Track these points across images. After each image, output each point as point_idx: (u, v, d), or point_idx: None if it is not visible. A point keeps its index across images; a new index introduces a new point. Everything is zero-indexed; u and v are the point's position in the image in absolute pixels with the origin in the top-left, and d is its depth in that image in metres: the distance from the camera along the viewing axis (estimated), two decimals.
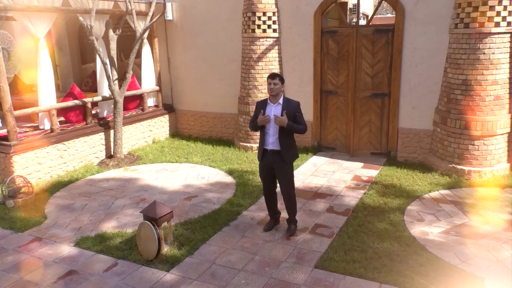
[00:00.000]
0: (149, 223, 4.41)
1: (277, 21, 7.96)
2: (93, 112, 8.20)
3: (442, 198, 5.86)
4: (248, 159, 7.77)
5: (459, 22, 6.40)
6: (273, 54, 8.06)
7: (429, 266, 4.18)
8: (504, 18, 6.13)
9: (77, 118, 7.75)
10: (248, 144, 8.32)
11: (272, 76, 4.64)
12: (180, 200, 6.05)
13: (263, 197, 5.78)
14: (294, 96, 7.97)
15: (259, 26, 7.90)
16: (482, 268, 4.14)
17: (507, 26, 6.18)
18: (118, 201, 6.06)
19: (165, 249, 4.54)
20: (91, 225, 5.30)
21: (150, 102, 9.41)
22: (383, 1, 7.31)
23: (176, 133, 9.79)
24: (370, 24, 7.51)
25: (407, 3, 6.93)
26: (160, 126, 9.45)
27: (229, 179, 6.86)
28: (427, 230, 4.95)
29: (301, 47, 7.93)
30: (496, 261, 4.26)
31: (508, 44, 6.28)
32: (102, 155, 8.02)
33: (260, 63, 8.04)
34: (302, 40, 7.88)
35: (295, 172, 6.71)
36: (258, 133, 7.93)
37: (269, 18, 7.89)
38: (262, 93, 8.11)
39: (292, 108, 4.66)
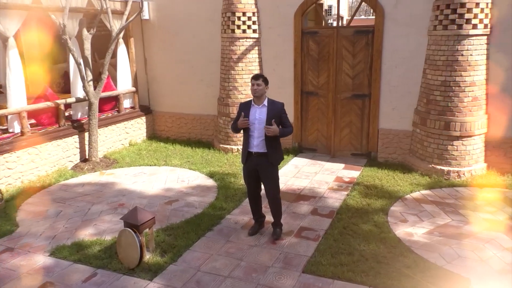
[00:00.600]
0: (130, 230, 4.23)
1: (257, 22, 7.87)
2: (66, 114, 7.89)
3: (423, 198, 5.90)
4: (228, 161, 7.64)
5: (438, 24, 6.48)
6: (253, 54, 7.97)
7: (416, 268, 4.17)
8: (481, 21, 6.24)
9: (49, 120, 7.43)
10: (228, 146, 8.20)
11: (255, 76, 4.55)
12: (160, 204, 5.87)
13: (246, 200, 5.71)
14: (275, 97, 7.89)
15: (239, 27, 7.79)
16: (467, 269, 4.16)
17: (484, 29, 6.29)
18: (95, 206, 5.83)
19: (147, 256, 4.37)
20: (67, 233, 5.06)
21: (126, 103, 9.15)
22: (362, 2, 7.33)
23: (153, 135, 9.56)
24: (350, 25, 7.49)
25: (386, 5, 6.97)
26: (137, 128, 9.20)
27: (210, 182, 6.72)
28: (411, 231, 4.96)
29: (282, 48, 7.86)
30: (480, 261, 4.29)
31: (484, 46, 6.40)
32: (77, 158, 7.72)
33: (240, 64, 7.93)
34: (283, 40, 7.82)
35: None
36: (239, 135, 7.88)
37: (249, 18, 7.80)
38: (242, 94, 8.01)
39: (277, 110, 4.58)
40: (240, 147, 8.03)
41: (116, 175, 7.12)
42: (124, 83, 8.94)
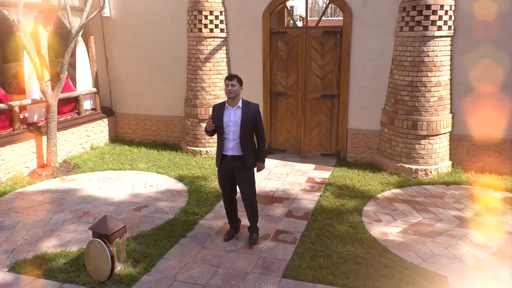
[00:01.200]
0: (99, 240, 3.96)
1: (224, 21, 7.72)
2: (21, 116, 7.39)
3: (394, 197, 5.97)
4: (197, 164, 7.44)
5: (404, 25, 6.59)
6: (221, 54, 7.81)
7: (394, 268, 4.18)
8: (445, 22, 6.40)
9: (2, 124, 6.93)
10: (196, 148, 7.98)
11: (229, 77, 4.41)
12: (128, 211, 5.59)
13: (219, 204, 5.58)
14: (244, 97, 7.79)
15: (206, 26, 7.60)
16: (443, 267, 4.21)
17: (448, 30, 6.46)
18: (57, 215, 5.47)
19: (119, 267, 4.12)
20: (28, 246, 4.69)
21: (87, 105, 8.72)
22: (330, 3, 7.35)
23: (116, 138, 9.16)
24: (319, 25, 7.49)
25: (354, 6, 7.01)
26: (98, 131, 8.79)
27: (179, 186, 6.50)
28: (386, 230, 4.99)
29: (250, 48, 7.75)
30: (454, 259, 4.36)
31: (449, 47, 6.57)
32: (34, 164, 7.25)
33: (207, 64, 7.74)
34: (251, 40, 7.71)
35: None
36: (207, 137, 7.69)
37: (216, 17, 7.63)
38: (210, 95, 7.83)
39: (252, 113, 4.46)
40: (209, 149, 7.85)
41: (78, 181, 6.74)
42: (84, 83, 8.52)
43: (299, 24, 15.50)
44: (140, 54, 8.55)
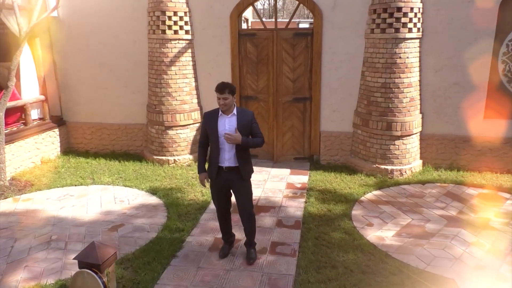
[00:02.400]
0: (90, 272, 3.46)
1: (189, 22, 7.31)
2: None
3: (378, 199, 5.97)
4: (167, 175, 6.97)
5: (376, 28, 6.63)
6: (187, 57, 7.40)
7: (402, 274, 4.11)
8: (415, 25, 6.53)
9: None
10: (163, 158, 7.49)
11: (220, 89, 4.04)
12: (104, 232, 5.05)
13: (203, 217, 5.26)
14: (211, 103, 7.49)
15: (170, 27, 7.15)
16: (447, 269, 4.21)
17: (417, 32, 6.59)
18: (20, 243, 4.79)
19: None
20: None
21: (34, 114, 7.88)
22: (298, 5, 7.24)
23: (69, 149, 8.38)
24: (289, 27, 7.35)
25: (324, 8, 6.95)
26: (49, 143, 7.98)
27: (154, 199, 6.02)
28: (381, 234, 4.93)
29: (217, 51, 7.42)
30: (455, 260, 4.39)
31: (418, 49, 6.72)
32: None
33: (173, 68, 7.30)
34: (218, 43, 7.38)
35: None
36: (174, 145, 7.25)
37: (181, 18, 7.21)
38: (176, 100, 7.39)
39: (248, 120, 4.17)
40: (177, 158, 7.42)
41: (35, 200, 6.02)
42: (29, 90, 7.69)
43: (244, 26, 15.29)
44: (94, 57, 7.88)
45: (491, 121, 6.93)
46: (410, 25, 6.46)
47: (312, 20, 7.12)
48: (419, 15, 6.54)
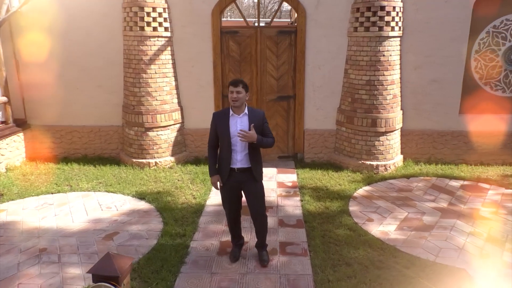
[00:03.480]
0: (108, 285, 3.18)
1: (168, 19, 7.03)
2: None
3: (370, 195, 6.05)
4: (150, 178, 6.66)
5: (359, 26, 6.73)
6: (166, 55, 7.11)
7: (414, 267, 4.17)
8: (397, 23, 6.70)
9: None
10: (143, 160, 7.15)
11: (234, 83, 3.91)
12: (98, 241, 4.71)
13: (202, 221, 5.11)
14: (192, 102, 7.28)
15: (149, 24, 6.84)
16: (455, 260, 4.34)
17: (398, 31, 6.77)
18: (4, 258, 4.35)
19: None
20: None
21: None
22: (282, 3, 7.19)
23: (35, 155, 7.76)
24: (273, 25, 7.28)
25: (308, 6, 6.95)
26: (13, 148, 7.37)
27: (143, 205, 5.72)
28: (383, 229, 4.99)
29: (198, 48, 7.19)
30: (459, 250, 4.53)
31: (399, 47, 6.90)
32: None
33: (152, 66, 6.98)
34: (199, 40, 7.16)
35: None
36: (155, 146, 6.95)
37: (160, 14, 6.92)
38: (157, 100, 7.08)
39: (259, 119, 4.04)
40: (158, 160, 7.12)
41: (10, 211, 5.51)
42: None
43: None
44: (63, 55, 7.36)
45: (466, 116, 7.27)
46: (392, 23, 6.62)
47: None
48: (400, 14, 6.72)
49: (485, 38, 7.07)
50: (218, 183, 4.05)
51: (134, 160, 7.19)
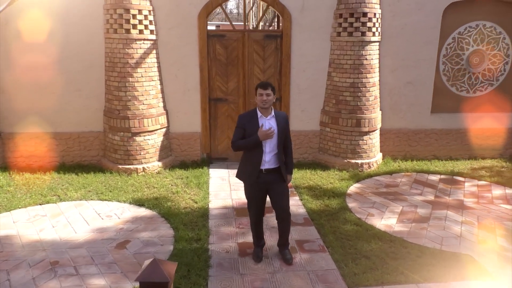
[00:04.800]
0: None
1: (153, 21, 6.93)
2: None
3: (362, 191, 6.37)
4: (142, 184, 6.51)
5: (342, 31, 7.06)
6: (152, 59, 7.00)
7: (425, 256, 4.49)
8: (377, 29, 7.11)
9: None
10: (131, 166, 6.97)
11: (263, 85, 4.03)
12: (111, 250, 4.57)
13: (213, 223, 5.11)
14: (178, 105, 7.24)
15: (135, 26, 6.69)
16: (458, 246, 4.73)
17: (378, 36, 7.18)
18: (16, 274, 4.09)
19: None
20: None
21: None
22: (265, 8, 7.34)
23: (5, 165, 7.27)
24: (259, 29, 7.40)
25: (293, 11, 7.17)
26: None
27: (145, 211, 5.60)
28: (386, 223, 5.30)
29: (184, 52, 7.15)
30: (459, 238, 4.94)
31: (377, 51, 7.32)
32: None
33: (139, 70, 6.84)
34: (185, 43, 7.12)
35: (213, 190, 6.16)
36: (144, 152, 6.83)
37: (146, 17, 6.79)
38: (143, 104, 6.94)
39: (284, 121, 4.19)
40: (146, 166, 6.98)
41: (1, 225, 5.16)
42: None
43: None
44: (38, 58, 6.97)
45: (437, 115, 7.87)
46: (373, 29, 7.01)
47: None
48: (379, 20, 7.14)
49: (452, 43, 7.69)
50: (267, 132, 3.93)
51: (120, 166, 6.98)
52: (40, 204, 5.78)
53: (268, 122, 4.07)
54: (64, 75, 7.10)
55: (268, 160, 4.08)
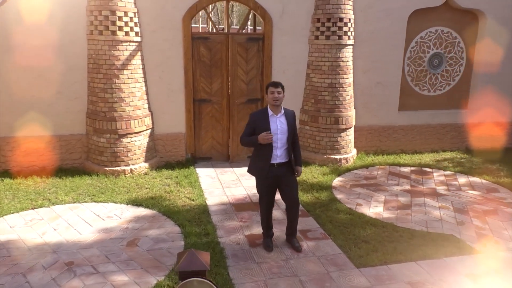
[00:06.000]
0: (201, 279, 3.35)
1: (138, 23, 6.99)
2: None
3: (345, 184, 6.84)
4: (132, 186, 6.55)
5: (320, 35, 7.52)
6: (137, 60, 7.05)
7: (417, 239, 4.98)
8: (351, 33, 7.63)
9: None
10: (118, 168, 6.97)
11: (274, 84, 4.34)
12: (124, 249, 4.65)
13: (217, 218, 5.35)
14: (163, 107, 7.37)
15: (121, 28, 6.73)
16: (440, 228, 5.29)
17: (352, 39, 7.72)
18: (33, 276, 4.08)
19: None
20: None
21: None
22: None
23: None
24: (242, 32, 7.67)
25: (274, 15, 7.52)
26: None
27: (144, 211, 5.69)
28: (374, 211, 5.78)
29: (169, 54, 7.27)
30: (440, 221, 5.51)
31: (351, 54, 7.85)
32: None
33: (125, 71, 6.88)
34: (170, 46, 7.24)
35: (206, 188, 6.35)
36: (131, 154, 6.90)
37: (131, 19, 6.85)
38: (130, 106, 6.98)
39: (293, 118, 4.52)
40: (133, 167, 7.03)
41: None
42: None
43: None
44: (16, 60, 6.77)
45: (403, 113, 8.56)
46: (348, 33, 7.53)
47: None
48: (353, 25, 7.67)
49: (415, 47, 8.41)
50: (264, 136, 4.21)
51: (107, 168, 6.96)
52: (33, 209, 5.68)
53: (278, 120, 4.37)
54: (44, 78, 6.95)
55: (280, 154, 4.39)
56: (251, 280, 4.06)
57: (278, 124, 4.35)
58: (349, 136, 7.93)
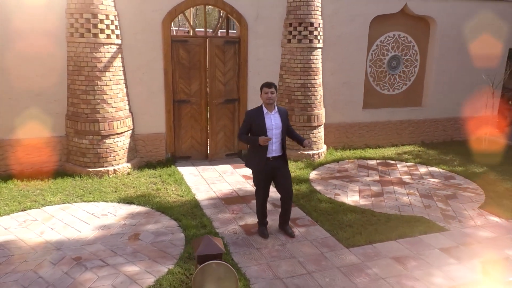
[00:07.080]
0: (219, 262, 3.69)
1: (118, 26, 7.14)
2: None
3: (321, 177, 7.38)
4: (119, 185, 6.69)
5: (292, 38, 8.03)
6: (118, 62, 7.19)
7: (393, 221, 5.58)
8: (321, 37, 8.21)
9: None
10: (101, 169, 7.07)
11: (268, 85, 4.74)
12: (126, 243, 4.86)
13: (210, 211, 5.65)
14: (143, 108, 7.59)
15: (102, 31, 6.85)
16: (411, 211, 5.94)
17: (322, 43, 8.30)
18: (44, 272, 4.22)
19: None
20: None
21: None
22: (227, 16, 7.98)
23: None
24: (219, 35, 8.00)
25: (249, 19, 7.93)
26: None
27: (137, 208, 5.89)
28: (352, 199, 6.34)
29: (149, 56, 7.46)
30: (410, 205, 6.17)
31: (321, 56, 8.43)
32: None
33: (107, 73, 7.00)
34: (150, 48, 7.44)
35: (191, 185, 6.65)
36: (114, 154, 7.09)
37: (112, 22, 6.99)
38: (112, 107, 7.11)
39: (285, 115, 4.93)
40: (117, 167, 7.17)
41: None
42: None
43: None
44: None
45: (367, 111, 9.27)
46: (318, 37, 8.10)
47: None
48: (322, 29, 8.25)
49: (376, 50, 9.15)
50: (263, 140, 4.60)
51: (90, 169, 7.03)
52: (23, 210, 5.70)
53: (273, 117, 4.78)
54: (22, 80, 6.91)
55: (275, 148, 4.80)
56: (255, 263, 4.43)
57: (272, 121, 4.76)
58: (320, 133, 8.49)
